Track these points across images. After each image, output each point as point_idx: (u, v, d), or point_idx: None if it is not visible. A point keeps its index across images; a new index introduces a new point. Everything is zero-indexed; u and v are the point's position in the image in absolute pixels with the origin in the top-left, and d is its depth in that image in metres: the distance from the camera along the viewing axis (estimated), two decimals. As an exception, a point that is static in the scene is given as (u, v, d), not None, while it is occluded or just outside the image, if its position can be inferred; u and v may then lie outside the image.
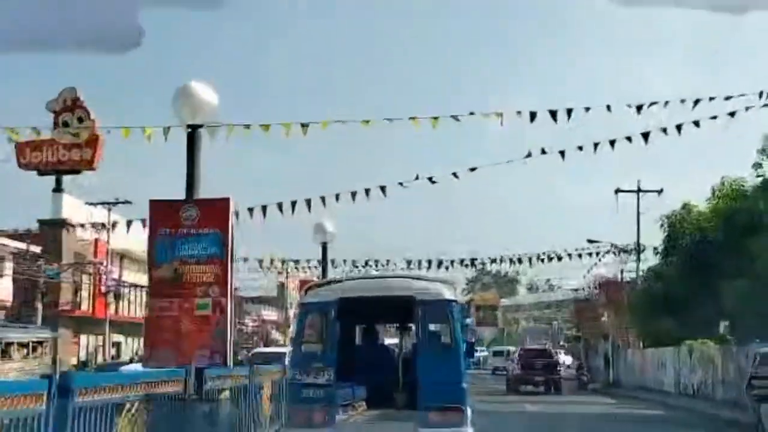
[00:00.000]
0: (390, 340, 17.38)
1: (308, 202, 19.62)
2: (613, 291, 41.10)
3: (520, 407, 23.88)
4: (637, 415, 23.40)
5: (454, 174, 18.75)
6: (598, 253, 36.60)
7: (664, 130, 18.16)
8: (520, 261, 33.52)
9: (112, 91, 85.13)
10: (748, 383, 18.18)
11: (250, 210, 19.66)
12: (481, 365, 65.76)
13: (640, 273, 38.76)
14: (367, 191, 19.23)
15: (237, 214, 17.09)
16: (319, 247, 19.95)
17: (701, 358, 28.18)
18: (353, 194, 19.28)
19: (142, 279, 56.88)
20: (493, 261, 33.16)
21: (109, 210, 41.64)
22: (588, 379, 38.23)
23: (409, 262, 31.68)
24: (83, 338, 45.07)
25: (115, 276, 46.33)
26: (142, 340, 13.36)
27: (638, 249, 39.10)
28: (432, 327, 9.74)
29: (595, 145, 18.57)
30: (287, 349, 27.81)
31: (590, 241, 38.59)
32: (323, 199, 19.51)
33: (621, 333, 41.35)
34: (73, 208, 42.42)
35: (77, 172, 42.45)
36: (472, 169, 18.52)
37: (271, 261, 32.02)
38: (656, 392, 31.87)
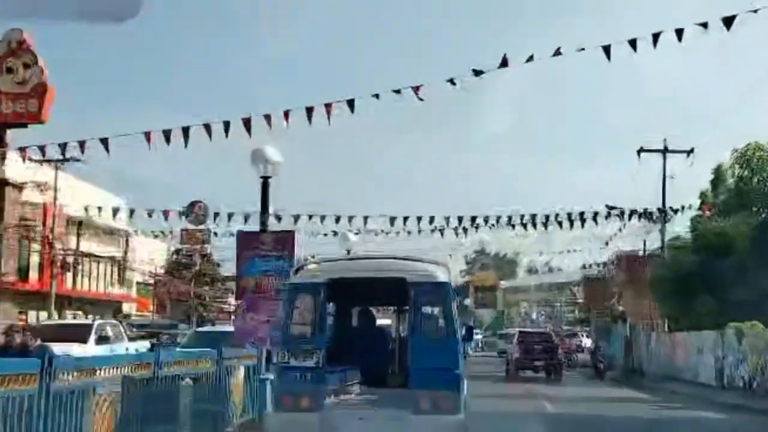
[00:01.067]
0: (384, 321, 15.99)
1: (246, 122, 13.86)
2: (634, 266, 35.32)
3: (538, 407, 18.07)
4: (700, 420, 17.32)
5: (451, 81, 13.04)
6: (625, 214, 30.35)
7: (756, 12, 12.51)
8: (533, 223, 27.41)
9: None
10: None
11: (167, 133, 13.92)
12: (479, 348, 60.51)
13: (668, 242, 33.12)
14: (328, 108, 13.49)
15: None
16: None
17: (755, 344, 22.44)
18: (309, 111, 13.53)
19: (103, 249, 51.52)
20: (498, 220, 26.93)
21: (56, 168, 35.84)
22: (604, 366, 32.48)
23: (393, 220, 25.69)
24: (32, 315, 39.42)
25: (69, 246, 40.73)
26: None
27: (663, 216, 33.31)
28: (425, 310, 9.05)
29: (655, 37, 12.93)
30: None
31: (610, 208, 32.73)
32: (268, 118, 13.74)
33: (642, 314, 35.53)
34: (19, 168, 36.66)
35: (23, 125, 36.65)
36: (477, 73, 12.78)
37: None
38: (691, 384, 26.18)
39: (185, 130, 13.96)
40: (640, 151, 34.31)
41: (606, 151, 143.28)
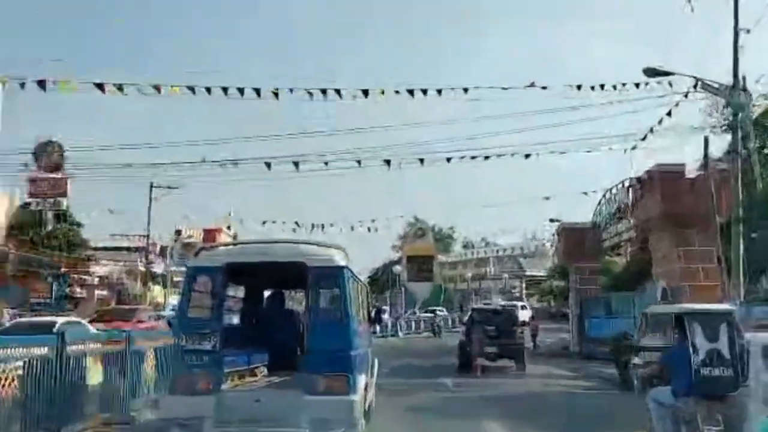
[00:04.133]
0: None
1: None
2: (681, 186, 19.99)
3: None
4: None
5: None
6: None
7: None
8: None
9: None
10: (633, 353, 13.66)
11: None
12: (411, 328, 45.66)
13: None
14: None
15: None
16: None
17: None
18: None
19: None
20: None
21: None
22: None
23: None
24: None
25: None
26: None
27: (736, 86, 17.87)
28: (322, 293, 8.60)
29: None
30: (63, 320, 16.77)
31: (652, 74, 17.27)
32: None
33: (684, 274, 20.20)
34: None
35: None
36: None
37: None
38: None
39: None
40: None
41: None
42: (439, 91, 16.47)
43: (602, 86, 16.70)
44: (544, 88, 16.85)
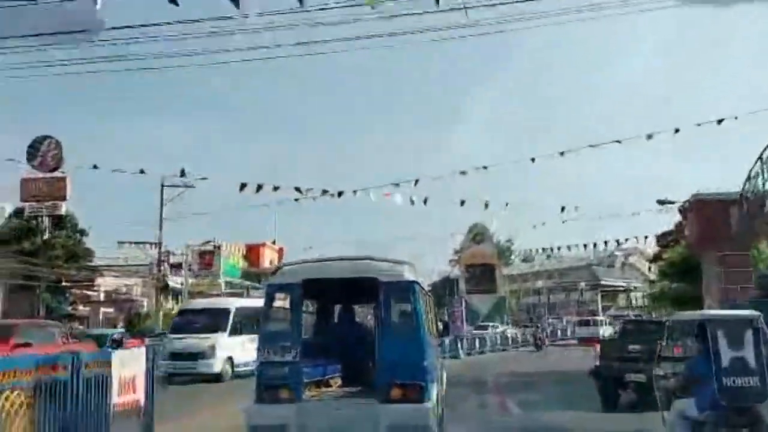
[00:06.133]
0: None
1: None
2: None
3: None
4: None
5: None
6: None
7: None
8: None
9: None
10: (656, 364, 11.34)
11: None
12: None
13: None
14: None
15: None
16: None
17: None
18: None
19: None
20: None
21: None
22: None
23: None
24: None
25: None
26: None
27: None
28: (394, 307, 8.92)
29: None
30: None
31: None
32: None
33: None
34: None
35: None
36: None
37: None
38: None
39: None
40: None
41: None
42: None
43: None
44: None
